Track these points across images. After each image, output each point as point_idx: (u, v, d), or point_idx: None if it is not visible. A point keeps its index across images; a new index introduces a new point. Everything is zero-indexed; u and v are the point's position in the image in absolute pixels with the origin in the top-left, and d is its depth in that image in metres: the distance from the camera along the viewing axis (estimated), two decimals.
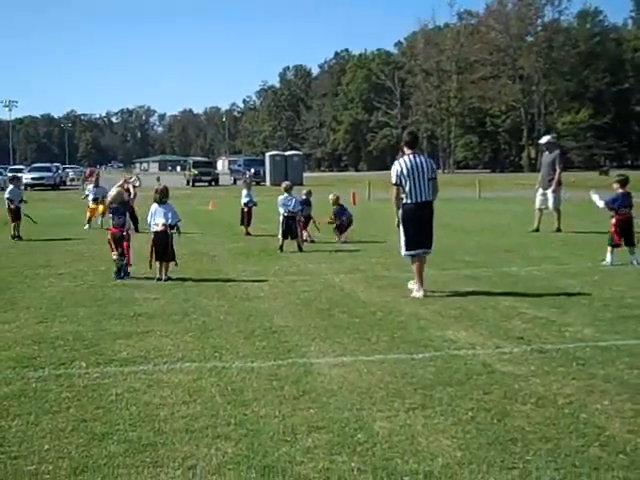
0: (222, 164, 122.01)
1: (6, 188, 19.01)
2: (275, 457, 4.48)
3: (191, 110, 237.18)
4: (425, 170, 9.75)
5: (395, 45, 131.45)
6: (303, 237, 15.55)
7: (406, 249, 9.96)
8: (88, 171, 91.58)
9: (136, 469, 4.34)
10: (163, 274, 11.29)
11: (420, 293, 9.67)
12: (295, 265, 12.86)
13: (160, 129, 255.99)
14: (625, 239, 12.30)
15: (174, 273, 11.41)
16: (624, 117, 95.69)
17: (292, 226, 14.94)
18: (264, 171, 60.04)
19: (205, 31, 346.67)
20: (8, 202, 18.18)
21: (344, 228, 16.65)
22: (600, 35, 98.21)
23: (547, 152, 18.93)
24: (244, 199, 18.59)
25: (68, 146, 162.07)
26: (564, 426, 4.93)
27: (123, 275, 11.43)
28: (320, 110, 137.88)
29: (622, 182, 12.65)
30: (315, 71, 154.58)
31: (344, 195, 34.07)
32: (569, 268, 12.09)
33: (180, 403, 5.49)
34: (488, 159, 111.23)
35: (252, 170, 60.35)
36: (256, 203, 18.86)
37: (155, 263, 11.37)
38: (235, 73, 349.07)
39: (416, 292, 9.72)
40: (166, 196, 11.89)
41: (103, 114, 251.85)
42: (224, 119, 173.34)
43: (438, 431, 4.87)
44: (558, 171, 18.04)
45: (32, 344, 7.32)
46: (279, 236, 14.93)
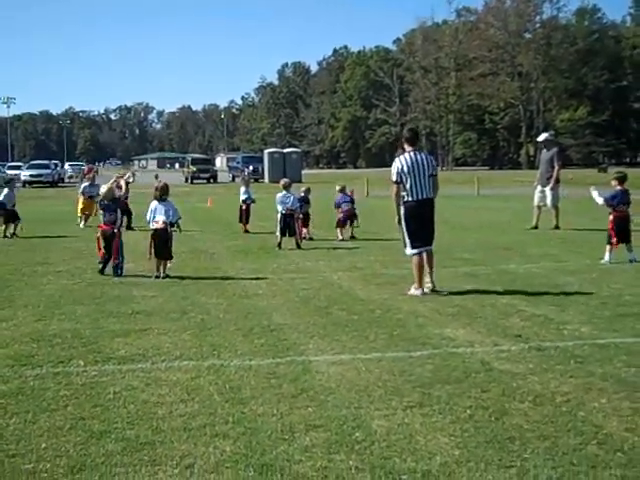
0: (220, 161, 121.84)
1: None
2: (273, 455, 4.48)
3: (190, 107, 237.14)
4: (426, 167, 9.72)
5: (394, 42, 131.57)
6: (302, 234, 15.55)
7: (411, 247, 9.85)
8: (86, 168, 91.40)
9: (134, 467, 4.34)
10: (161, 271, 11.29)
11: (419, 291, 9.66)
12: (294, 263, 12.87)
13: (159, 126, 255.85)
14: (622, 236, 12.30)
15: (172, 270, 11.41)
16: (622, 114, 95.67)
17: (290, 223, 14.94)
18: (262, 168, 60.02)
19: (204, 28, 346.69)
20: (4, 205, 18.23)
21: (342, 222, 16.57)
22: (598, 32, 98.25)
23: (545, 149, 18.94)
24: (242, 196, 18.58)
25: (66, 143, 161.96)
26: (562, 424, 4.93)
27: (120, 273, 11.46)
28: (319, 107, 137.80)
29: (620, 179, 12.66)
30: (314, 68, 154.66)
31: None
32: (567, 266, 12.10)
33: (178, 401, 5.49)
34: (487, 156, 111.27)
35: (250, 167, 60.37)
36: (254, 200, 18.85)
37: (154, 260, 11.39)
38: (234, 70, 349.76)
39: (414, 290, 9.71)
40: (166, 193, 11.91)
41: (102, 111, 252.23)
42: (223, 116, 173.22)
43: (436, 429, 4.87)
44: (556, 168, 18.04)
45: (30, 342, 7.32)
46: (277, 233, 14.93)
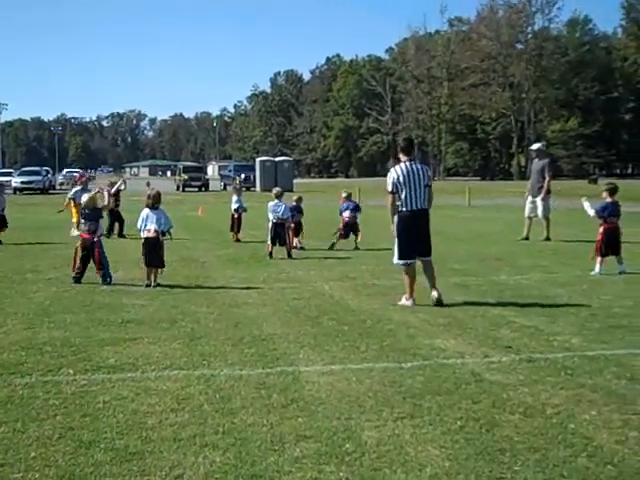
0: (212, 169, 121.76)
1: None
2: (263, 466, 4.47)
3: (182, 115, 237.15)
4: (421, 178, 9.69)
5: (386, 51, 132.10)
6: (293, 244, 15.54)
7: (398, 257, 9.89)
8: (78, 175, 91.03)
9: (123, 478, 4.32)
10: (152, 280, 11.26)
11: (410, 301, 9.67)
12: (284, 272, 12.85)
13: (151, 133, 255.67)
14: (612, 248, 12.34)
15: (163, 279, 11.38)
16: (613, 126, 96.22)
17: (280, 233, 14.91)
18: (254, 177, 60.05)
19: (196, 36, 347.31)
20: None
21: (347, 227, 16.61)
22: (590, 44, 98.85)
23: (537, 159, 18.97)
24: (234, 205, 18.54)
25: (58, 150, 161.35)
26: (552, 436, 4.94)
27: (109, 281, 11.40)
28: (311, 116, 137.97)
29: (611, 191, 12.71)
30: (306, 77, 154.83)
31: (334, 201, 34.19)
32: (558, 277, 12.13)
33: (168, 411, 5.47)
34: (478, 166, 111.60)
35: (242, 175, 60.38)
36: (246, 209, 18.78)
37: (144, 268, 11.36)
38: (226, 78, 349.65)
39: (405, 300, 9.72)
40: (158, 201, 11.86)
41: (94, 118, 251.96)
42: (215, 124, 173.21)
43: (427, 441, 4.87)
44: (547, 179, 18.09)
45: (19, 350, 7.28)
46: (268, 242, 14.91)
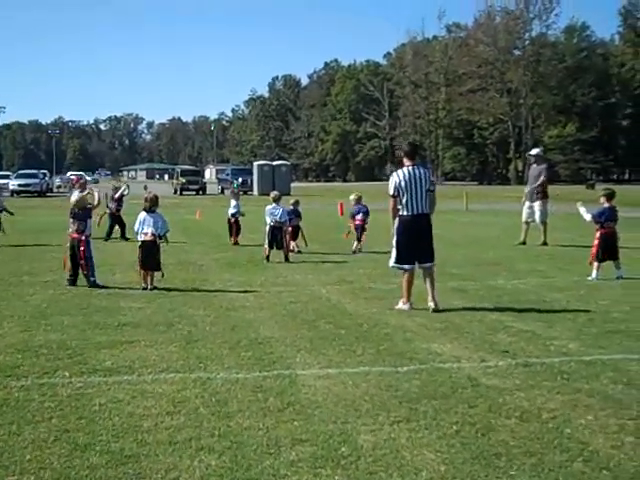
0: (210, 173, 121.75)
1: None
2: (259, 470, 4.46)
3: (180, 118, 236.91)
4: (423, 182, 9.64)
5: (384, 56, 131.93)
6: (290, 247, 15.54)
7: (395, 261, 9.88)
8: (75, 178, 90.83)
9: None
10: (149, 283, 11.25)
11: (406, 306, 9.67)
12: (282, 276, 12.84)
13: (148, 137, 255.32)
14: (609, 253, 12.35)
15: (160, 282, 11.37)
16: (610, 131, 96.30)
17: (278, 236, 14.92)
18: (252, 181, 60.03)
19: (195, 40, 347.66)
20: None
21: (359, 230, 16.65)
22: (587, 50, 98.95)
23: (535, 165, 19.02)
24: (231, 210, 18.44)
25: (55, 153, 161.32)
26: (548, 441, 4.94)
27: (94, 281, 11.37)
28: (308, 120, 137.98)
29: (609, 196, 12.73)
30: (304, 81, 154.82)
31: (331, 205, 34.20)
32: (555, 282, 12.13)
33: (164, 414, 5.46)
34: (476, 171, 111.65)
35: (240, 179, 60.37)
36: (243, 213, 18.68)
37: (141, 271, 11.35)
38: (224, 82, 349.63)
39: (402, 304, 9.72)
40: (156, 205, 11.85)
41: (91, 121, 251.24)
42: (212, 128, 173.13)
43: (422, 445, 4.86)
44: (540, 181, 18.18)
45: (15, 353, 7.28)
46: (265, 246, 14.91)
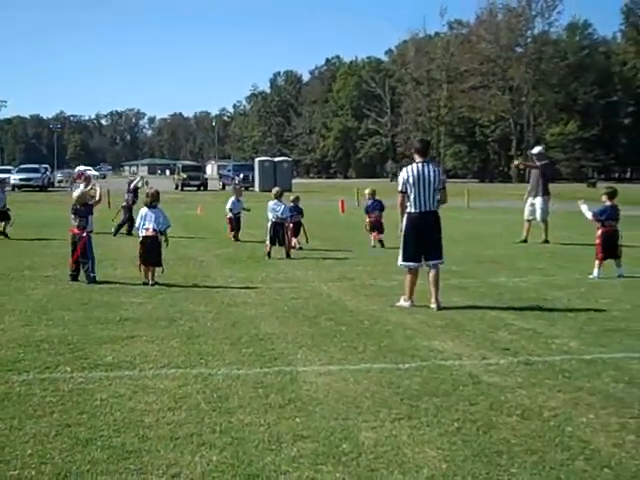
0: (211, 169, 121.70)
1: None
2: (260, 466, 4.46)
3: (181, 114, 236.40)
4: (432, 180, 9.55)
5: (386, 53, 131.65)
6: (291, 244, 15.53)
7: (403, 259, 9.81)
8: (77, 173, 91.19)
9: (119, 476, 4.31)
10: (150, 278, 11.26)
11: (408, 303, 9.67)
12: (283, 272, 12.84)
13: (150, 132, 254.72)
14: (610, 252, 12.33)
15: (161, 278, 11.37)
16: (612, 130, 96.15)
17: (279, 233, 14.92)
18: (253, 177, 60.03)
19: (196, 35, 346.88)
20: None
21: (377, 227, 16.68)
22: (589, 48, 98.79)
23: (537, 162, 19.02)
24: (231, 206, 18.31)
25: (57, 147, 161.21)
26: (549, 439, 4.93)
27: (93, 277, 11.34)
28: (310, 116, 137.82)
29: (610, 194, 12.71)
30: (306, 77, 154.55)
31: (333, 202, 34.20)
32: (556, 280, 12.13)
33: (165, 409, 5.46)
34: (477, 169, 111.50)
35: (241, 175, 60.44)
36: (248, 209, 18.54)
37: (142, 267, 11.36)
38: (226, 78, 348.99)
39: (404, 302, 9.71)
40: (156, 200, 11.85)
41: (92, 116, 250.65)
42: (214, 123, 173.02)
43: (424, 442, 4.86)
44: (539, 165, 18.35)
45: (17, 347, 7.28)
46: (267, 242, 14.91)
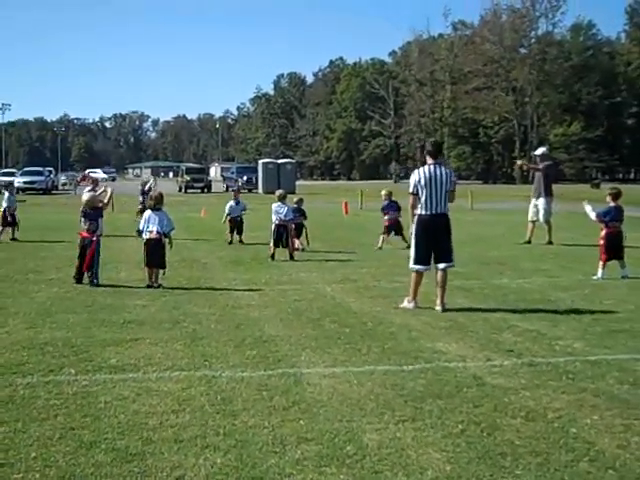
0: (215, 171, 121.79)
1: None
2: (264, 468, 4.46)
3: (185, 116, 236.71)
4: (444, 182, 9.54)
5: (389, 54, 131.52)
6: (295, 245, 15.53)
7: (414, 262, 9.76)
8: (81, 176, 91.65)
9: (123, 479, 4.32)
10: (154, 281, 11.26)
11: (411, 304, 9.66)
12: (286, 274, 12.84)
13: (153, 135, 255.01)
14: (614, 253, 12.31)
15: (165, 280, 11.38)
16: (616, 130, 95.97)
17: (284, 235, 14.92)
18: (257, 179, 60.07)
19: (200, 37, 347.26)
20: (6, 210, 18.57)
21: (391, 227, 16.67)
22: (593, 48, 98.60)
23: (540, 164, 19.02)
24: (229, 211, 18.24)
25: (61, 150, 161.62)
26: (554, 440, 4.93)
27: (96, 282, 11.33)
28: (314, 118, 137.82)
29: (614, 195, 12.69)
30: (309, 79, 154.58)
31: (336, 204, 34.18)
32: (560, 281, 12.11)
33: (169, 412, 5.46)
34: (481, 170, 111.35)
35: (245, 177, 60.55)
36: (244, 208, 18.50)
37: (146, 269, 11.37)
38: (229, 80, 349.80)
39: (407, 303, 9.71)
40: (161, 203, 11.84)
41: (96, 119, 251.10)
42: (217, 125, 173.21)
43: (428, 444, 4.86)
44: (542, 166, 18.30)
45: (21, 350, 7.29)
46: (271, 244, 14.91)
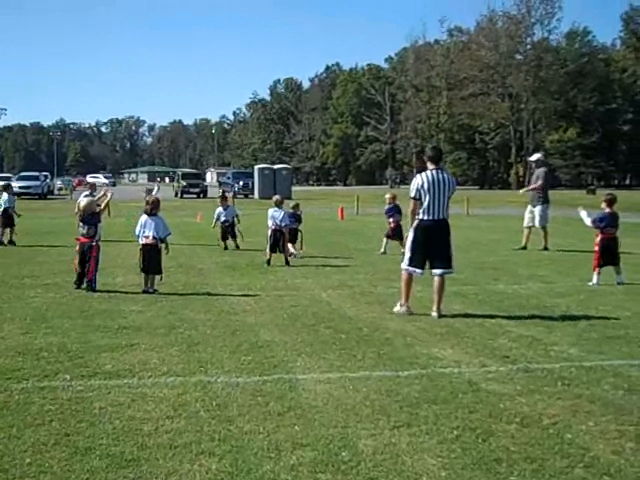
0: (211, 176, 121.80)
1: None
2: (259, 474, 4.46)
3: (181, 121, 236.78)
4: (446, 188, 9.55)
5: (385, 60, 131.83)
6: (290, 251, 15.53)
7: (408, 263, 9.75)
8: (76, 180, 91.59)
9: None
10: (150, 286, 11.25)
11: (404, 308, 9.65)
12: (282, 280, 12.84)
13: (149, 140, 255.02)
14: (609, 259, 12.32)
15: (161, 286, 11.37)
16: (611, 137, 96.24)
17: (280, 240, 14.93)
18: (253, 184, 60.08)
19: (196, 43, 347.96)
20: (8, 210, 18.64)
21: (397, 231, 16.67)
22: (588, 55, 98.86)
23: (536, 169, 19.07)
24: (222, 217, 18.20)
25: (57, 155, 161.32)
26: (549, 446, 4.93)
27: (94, 287, 11.28)
28: (310, 124, 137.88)
29: (609, 202, 12.71)
30: (306, 85, 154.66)
31: (332, 209, 34.21)
32: (556, 287, 12.12)
33: (164, 418, 5.46)
34: (477, 176, 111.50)
35: (241, 182, 60.59)
36: (237, 215, 18.45)
37: (142, 274, 11.36)
38: (226, 85, 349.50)
39: (400, 307, 9.70)
40: (157, 208, 11.83)
41: (92, 123, 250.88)
42: (214, 131, 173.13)
43: (423, 450, 4.86)
44: (538, 184, 18.22)
45: (16, 355, 7.27)
46: (267, 250, 14.91)
